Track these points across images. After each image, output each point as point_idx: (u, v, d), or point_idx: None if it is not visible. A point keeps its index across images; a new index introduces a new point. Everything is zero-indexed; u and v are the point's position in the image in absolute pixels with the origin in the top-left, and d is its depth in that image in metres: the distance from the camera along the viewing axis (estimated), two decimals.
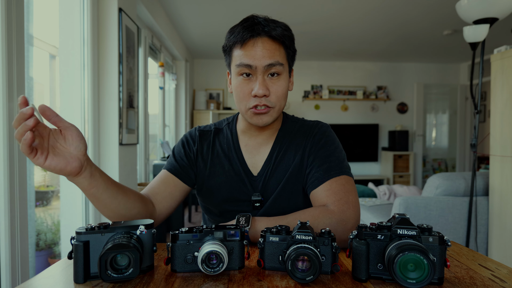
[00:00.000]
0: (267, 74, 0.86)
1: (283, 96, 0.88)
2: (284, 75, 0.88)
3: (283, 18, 3.72)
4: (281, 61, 0.86)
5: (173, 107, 4.85)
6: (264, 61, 0.84)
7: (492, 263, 0.70)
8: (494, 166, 2.34)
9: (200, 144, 1.00)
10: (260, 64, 0.84)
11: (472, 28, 2.25)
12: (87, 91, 2.07)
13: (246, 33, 0.84)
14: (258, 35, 0.85)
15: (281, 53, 0.87)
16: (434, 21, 4.02)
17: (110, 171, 2.23)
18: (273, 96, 0.87)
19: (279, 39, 0.86)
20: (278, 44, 0.86)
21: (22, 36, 1.41)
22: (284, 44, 0.87)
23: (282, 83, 0.87)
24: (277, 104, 0.88)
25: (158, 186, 0.93)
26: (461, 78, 6.44)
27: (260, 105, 0.86)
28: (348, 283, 0.60)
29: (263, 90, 0.84)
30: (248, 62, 0.84)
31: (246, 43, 0.85)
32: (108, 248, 0.56)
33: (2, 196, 1.33)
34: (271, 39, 0.85)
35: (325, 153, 0.92)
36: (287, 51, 0.89)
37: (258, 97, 0.85)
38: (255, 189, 0.95)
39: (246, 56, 0.85)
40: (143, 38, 3.27)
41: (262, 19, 0.87)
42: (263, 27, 0.85)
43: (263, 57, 0.84)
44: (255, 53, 0.84)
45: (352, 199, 0.84)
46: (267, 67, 0.85)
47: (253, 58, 0.84)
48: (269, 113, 0.88)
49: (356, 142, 6.24)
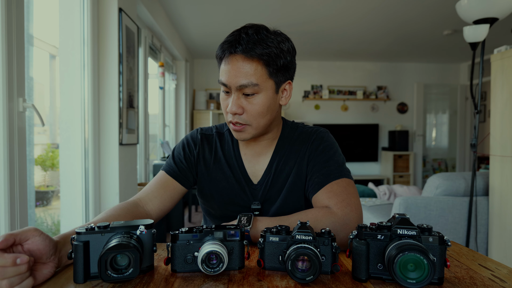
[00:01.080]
0: (241, 93, 0.85)
1: (259, 115, 0.86)
2: (263, 93, 0.85)
3: (283, 18, 3.70)
4: (257, 81, 0.83)
5: (173, 107, 4.85)
6: (237, 81, 0.83)
7: (492, 263, 0.70)
8: (494, 166, 2.34)
9: (202, 148, 1.00)
10: (233, 84, 0.84)
11: (472, 28, 2.25)
12: (87, 91, 2.07)
13: (226, 47, 0.84)
14: (234, 53, 0.83)
15: (258, 72, 0.83)
16: (434, 21, 4.02)
17: (110, 171, 2.23)
18: (247, 114, 0.86)
19: (256, 58, 0.82)
20: (255, 63, 0.82)
21: (22, 36, 1.41)
22: (263, 60, 0.83)
23: (259, 101, 0.85)
24: (254, 122, 0.87)
25: (158, 190, 0.94)
26: (461, 78, 6.44)
27: (233, 122, 0.87)
28: (348, 283, 0.60)
29: (235, 109, 0.84)
30: (223, 81, 0.85)
31: (224, 60, 0.85)
32: (108, 248, 0.56)
33: (2, 196, 1.33)
34: (247, 57, 0.82)
35: (324, 158, 0.93)
36: (268, 68, 0.84)
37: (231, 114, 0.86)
38: (255, 197, 0.96)
39: (223, 73, 0.85)
40: (143, 38, 3.27)
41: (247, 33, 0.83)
42: (241, 44, 0.82)
43: (236, 76, 0.83)
44: (229, 72, 0.84)
45: (354, 201, 0.84)
46: (239, 87, 0.84)
47: (227, 76, 0.84)
48: (246, 131, 0.88)
49: (356, 142, 6.24)
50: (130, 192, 2.48)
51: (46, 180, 2.27)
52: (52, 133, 2.26)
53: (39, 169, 2.21)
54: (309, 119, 6.23)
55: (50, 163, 2.24)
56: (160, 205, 0.93)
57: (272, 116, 0.90)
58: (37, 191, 2.17)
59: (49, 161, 2.23)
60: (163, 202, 0.93)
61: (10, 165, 1.35)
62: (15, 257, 0.53)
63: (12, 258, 0.53)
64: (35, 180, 2.12)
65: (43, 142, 2.25)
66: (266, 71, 0.84)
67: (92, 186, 2.11)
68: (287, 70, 0.89)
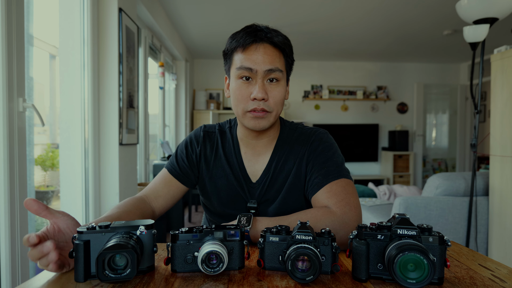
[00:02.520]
0: (266, 79, 0.88)
1: (280, 102, 0.90)
2: (283, 82, 0.90)
3: (283, 18, 3.69)
4: (281, 67, 0.88)
5: (173, 107, 4.85)
6: (265, 66, 0.86)
7: (492, 263, 0.70)
8: (494, 166, 2.34)
9: (204, 145, 1.02)
10: (261, 69, 0.86)
11: (472, 28, 2.25)
12: (87, 91, 2.07)
13: (248, 38, 0.87)
14: (261, 41, 0.87)
15: (281, 60, 0.89)
16: (434, 21, 4.02)
17: (110, 171, 2.23)
18: (271, 101, 0.88)
19: (280, 46, 0.88)
20: (279, 51, 0.89)
21: (22, 36, 1.41)
22: (285, 52, 0.90)
23: (281, 89, 0.89)
24: (275, 109, 0.90)
25: (162, 189, 0.98)
26: (461, 78, 6.44)
27: (258, 109, 0.87)
28: (348, 283, 0.60)
29: (262, 94, 0.86)
30: (249, 66, 0.86)
31: (248, 48, 0.87)
32: (106, 248, 0.56)
33: (2, 196, 1.33)
34: (273, 45, 0.88)
35: (323, 159, 0.93)
36: (287, 59, 0.91)
37: (257, 100, 0.87)
38: (252, 196, 0.97)
39: (248, 60, 0.86)
40: (143, 38, 3.27)
41: (264, 27, 0.90)
42: (265, 33, 0.87)
43: (264, 62, 0.86)
44: (256, 57, 0.86)
45: (354, 201, 0.84)
46: (267, 72, 0.86)
47: (254, 62, 0.86)
48: (266, 118, 0.89)
49: (356, 142, 6.24)
50: (130, 192, 2.48)
51: (46, 180, 2.27)
52: (52, 133, 2.26)
53: (39, 169, 2.21)
54: (309, 119, 6.23)
55: (50, 163, 2.24)
56: (163, 203, 0.98)
57: (282, 107, 0.93)
58: (37, 191, 2.16)
59: (49, 161, 2.23)
60: (167, 200, 0.98)
61: (10, 165, 1.35)
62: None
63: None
64: (35, 180, 2.12)
65: (43, 142, 2.25)
66: (284, 61, 0.91)
67: (92, 186, 2.11)
68: (292, 66, 0.96)
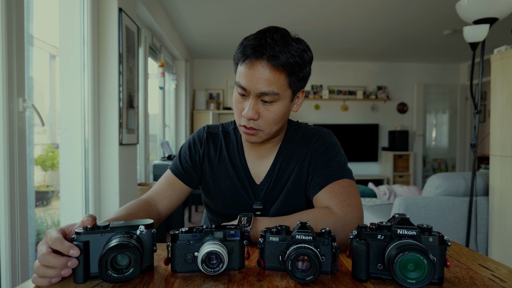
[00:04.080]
0: (260, 99, 0.84)
1: (273, 122, 0.86)
2: (281, 102, 0.85)
3: (283, 18, 3.68)
4: (278, 90, 0.82)
5: (173, 107, 4.85)
6: (258, 87, 0.81)
7: (492, 263, 0.70)
8: (494, 166, 2.34)
9: (207, 146, 1.01)
10: (253, 90, 0.82)
11: (472, 28, 2.25)
12: (87, 91, 2.07)
13: (249, 51, 0.81)
14: (260, 57, 0.80)
15: (281, 81, 0.82)
16: (434, 21, 4.02)
17: (110, 171, 2.23)
18: (263, 120, 0.86)
19: (281, 67, 0.80)
20: (279, 72, 0.81)
21: (22, 36, 1.41)
22: (287, 71, 0.82)
23: (276, 109, 0.85)
24: (266, 128, 0.87)
25: (166, 190, 0.98)
26: (461, 78, 6.44)
27: (247, 126, 0.86)
28: (348, 283, 0.60)
29: (252, 114, 0.83)
30: (243, 84, 0.83)
31: (246, 63, 0.82)
32: (109, 248, 0.56)
33: (2, 196, 1.33)
34: (272, 66, 0.80)
35: (326, 159, 0.93)
36: (290, 78, 0.83)
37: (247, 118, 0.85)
38: (257, 197, 0.97)
39: (244, 77, 0.82)
40: (143, 38, 3.27)
41: (274, 39, 0.81)
42: (267, 50, 0.80)
43: (258, 83, 0.81)
44: (251, 76, 0.81)
45: (355, 202, 0.84)
46: (260, 94, 0.82)
47: (249, 81, 0.82)
48: (258, 135, 0.88)
49: (356, 142, 6.23)
50: (130, 192, 2.48)
51: (46, 180, 2.27)
52: (52, 133, 2.26)
53: (39, 169, 2.21)
54: (309, 119, 6.23)
55: (50, 163, 2.24)
56: (169, 204, 0.98)
57: (284, 122, 0.91)
58: (37, 191, 2.17)
59: (49, 161, 2.23)
60: (172, 201, 0.98)
61: (10, 165, 1.35)
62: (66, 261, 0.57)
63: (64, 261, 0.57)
64: (35, 180, 2.12)
65: (43, 142, 2.25)
66: (287, 81, 0.83)
67: (92, 186, 2.11)
68: (305, 80, 0.89)
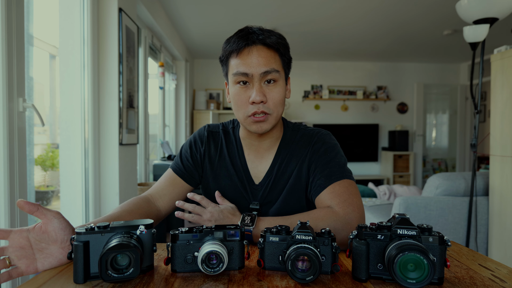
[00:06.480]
0: (263, 81, 0.87)
1: (280, 103, 0.89)
2: (281, 82, 0.89)
3: (282, 18, 3.68)
4: (277, 68, 0.88)
5: (173, 107, 4.85)
6: (260, 68, 0.86)
7: (492, 263, 0.70)
8: (494, 166, 2.34)
9: (208, 145, 1.02)
10: (256, 72, 0.86)
11: (472, 28, 2.25)
12: (87, 91, 2.07)
13: (241, 42, 0.86)
14: (253, 43, 0.86)
15: (277, 60, 0.88)
16: (434, 21, 4.02)
17: (110, 171, 2.23)
18: (270, 102, 0.88)
19: (274, 47, 0.88)
20: (273, 52, 0.88)
21: (22, 36, 1.41)
22: (279, 51, 0.89)
23: (279, 89, 0.89)
24: (275, 111, 0.89)
25: (167, 188, 0.99)
26: (461, 78, 6.44)
27: (258, 112, 0.87)
28: (348, 283, 0.60)
29: (260, 97, 0.85)
30: (244, 70, 0.86)
31: (242, 52, 0.87)
32: (109, 248, 0.56)
33: (2, 196, 1.33)
34: (266, 46, 0.87)
35: (325, 160, 0.93)
36: (283, 58, 0.90)
37: (255, 103, 0.86)
38: (255, 197, 0.98)
39: (242, 65, 0.86)
40: (143, 38, 3.27)
41: (257, 28, 0.89)
42: (257, 35, 0.87)
43: (259, 64, 0.86)
44: (250, 61, 0.86)
45: (356, 201, 0.84)
46: (263, 74, 0.86)
47: (249, 66, 0.86)
48: (268, 120, 0.89)
49: (356, 142, 6.23)
50: (130, 192, 2.48)
51: (46, 180, 2.27)
52: (52, 133, 2.26)
53: (39, 169, 2.21)
54: (309, 119, 6.23)
55: (50, 163, 2.24)
56: (169, 201, 0.98)
57: (283, 108, 0.93)
58: (37, 191, 2.17)
59: (49, 161, 2.23)
60: (172, 199, 0.99)
61: (10, 165, 1.35)
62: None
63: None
64: (35, 180, 2.12)
65: (43, 142, 2.25)
66: (281, 61, 0.90)
67: (92, 186, 2.11)
68: (289, 65, 0.95)
